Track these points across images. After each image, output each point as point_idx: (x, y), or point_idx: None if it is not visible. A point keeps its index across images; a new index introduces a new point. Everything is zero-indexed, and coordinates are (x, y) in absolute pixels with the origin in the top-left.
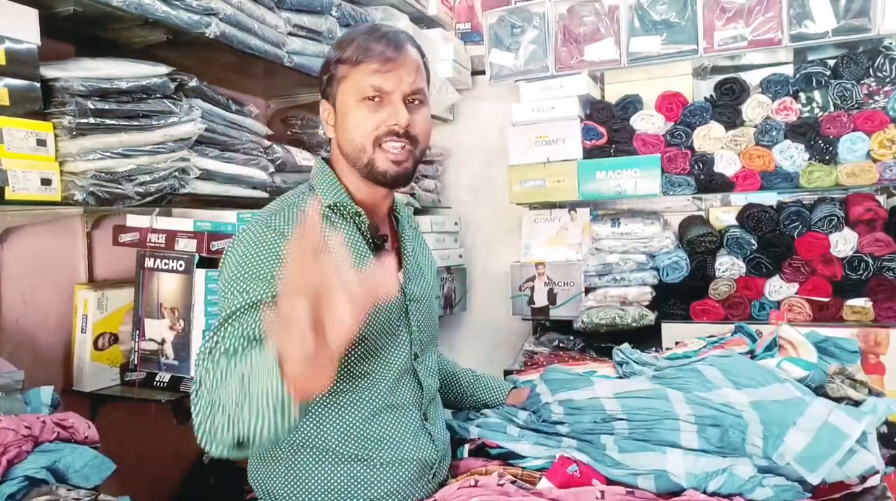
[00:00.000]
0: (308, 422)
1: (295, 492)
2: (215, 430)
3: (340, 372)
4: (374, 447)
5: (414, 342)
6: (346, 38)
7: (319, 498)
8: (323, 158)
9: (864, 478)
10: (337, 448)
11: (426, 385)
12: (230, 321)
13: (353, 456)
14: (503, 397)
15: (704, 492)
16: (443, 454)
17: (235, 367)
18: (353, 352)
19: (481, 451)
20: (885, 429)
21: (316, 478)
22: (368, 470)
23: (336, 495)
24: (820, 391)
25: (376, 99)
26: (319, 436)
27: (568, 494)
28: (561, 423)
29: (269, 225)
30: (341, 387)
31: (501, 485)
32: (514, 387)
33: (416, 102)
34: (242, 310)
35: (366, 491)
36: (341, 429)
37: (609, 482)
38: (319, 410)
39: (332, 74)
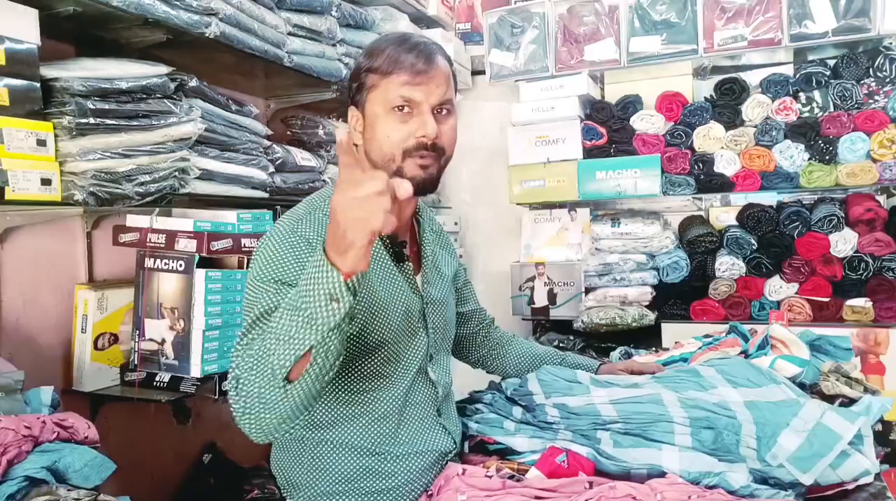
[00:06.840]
0: (329, 419)
1: (315, 482)
2: (267, 400)
3: (362, 374)
4: (390, 442)
5: (431, 344)
6: (377, 48)
7: (338, 488)
8: None
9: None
10: (356, 443)
11: (442, 383)
12: (258, 323)
13: (370, 451)
14: (594, 368)
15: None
16: (458, 442)
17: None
18: (375, 357)
19: (480, 447)
20: (879, 427)
21: (335, 469)
22: (385, 463)
23: (354, 485)
24: (815, 389)
25: (405, 109)
26: (339, 432)
27: (556, 485)
28: (556, 423)
29: (296, 230)
30: (361, 387)
31: (489, 477)
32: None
33: (445, 112)
34: (268, 312)
35: (383, 482)
36: (360, 426)
37: (597, 471)
38: (340, 408)
39: (361, 82)
